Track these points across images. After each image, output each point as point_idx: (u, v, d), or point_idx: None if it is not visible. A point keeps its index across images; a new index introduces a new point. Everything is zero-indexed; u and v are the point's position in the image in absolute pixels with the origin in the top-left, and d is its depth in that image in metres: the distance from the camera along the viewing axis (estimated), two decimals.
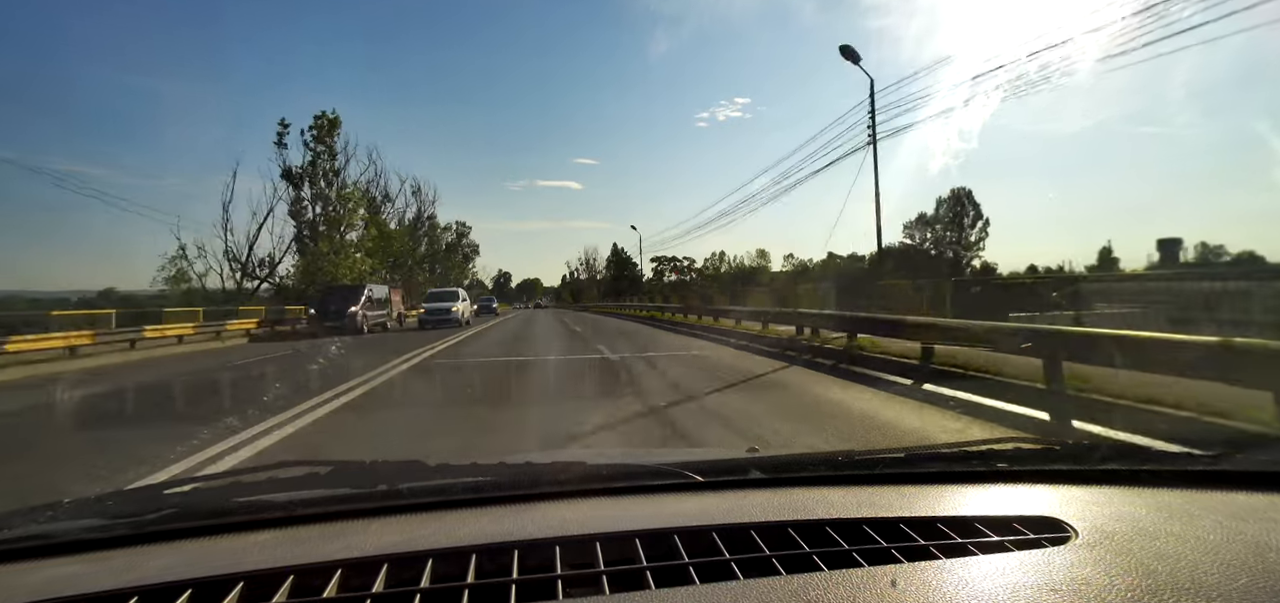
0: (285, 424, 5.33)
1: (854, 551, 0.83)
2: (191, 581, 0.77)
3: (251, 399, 6.65)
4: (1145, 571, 0.75)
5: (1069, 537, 0.87)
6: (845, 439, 4.77)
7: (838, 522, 0.92)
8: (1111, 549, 0.81)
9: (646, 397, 6.67)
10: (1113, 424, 4.52)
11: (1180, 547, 0.81)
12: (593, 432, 5.02)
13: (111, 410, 7.27)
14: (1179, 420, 4.27)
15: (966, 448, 1.27)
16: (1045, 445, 1.28)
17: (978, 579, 0.74)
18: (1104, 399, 4.95)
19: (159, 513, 1.00)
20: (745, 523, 0.91)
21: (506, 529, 0.91)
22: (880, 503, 1.01)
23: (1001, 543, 0.86)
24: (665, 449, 4.14)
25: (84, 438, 5.95)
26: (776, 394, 7.08)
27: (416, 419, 6.16)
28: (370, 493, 1.06)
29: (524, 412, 6.55)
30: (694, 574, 0.78)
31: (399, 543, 0.87)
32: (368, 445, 5.01)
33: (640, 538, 0.87)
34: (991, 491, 1.08)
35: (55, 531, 0.97)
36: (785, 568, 0.78)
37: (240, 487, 1.08)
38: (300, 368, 9.92)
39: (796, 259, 75.16)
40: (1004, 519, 0.93)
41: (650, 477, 1.15)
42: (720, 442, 4.92)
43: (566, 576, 0.78)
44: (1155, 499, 1.01)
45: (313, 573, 0.79)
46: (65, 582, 0.80)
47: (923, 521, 0.93)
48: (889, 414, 5.56)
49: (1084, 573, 0.75)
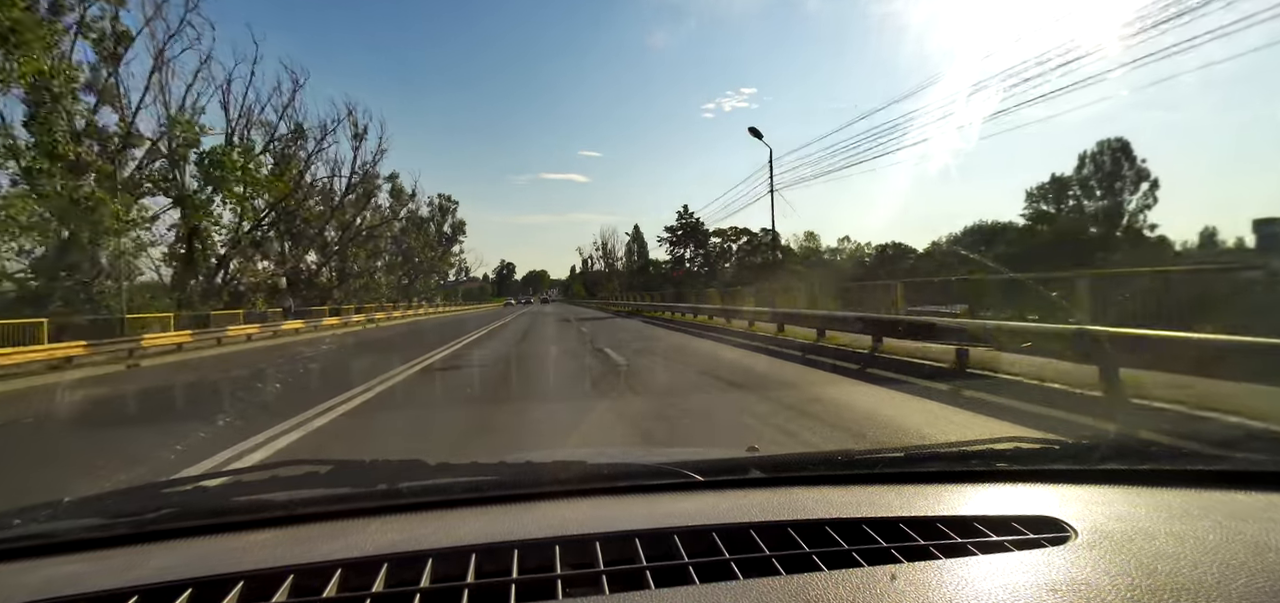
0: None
1: (854, 551, 0.83)
2: (191, 580, 0.77)
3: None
4: (1145, 571, 0.75)
5: (1069, 537, 0.87)
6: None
7: (837, 522, 0.92)
8: (1111, 549, 0.81)
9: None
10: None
11: (1180, 547, 0.81)
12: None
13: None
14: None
15: (966, 448, 1.26)
16: (1045, 445, 1.28)
17: (977, 579, 0.74)
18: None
19: (159, 513, 1.00)
20: (745, 523, 0.91)
21: (506, 529, 0.91)
22: (880, 503, 1.01)
23: (1001, 543, 0.86)
24: (665, 449, 4.14)
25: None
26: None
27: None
28: (370, 493, 1.06)
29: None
30: (694, 574, 0.78)
31: (399, 543, 0.87)
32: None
33: (640, 538, 0.87)
34: (991, 490, 1.08)
35: (55, 530, 0.97)
36: (785, 568, 0.78)
37: (240, 486, 1.08)
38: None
39: (853, 242, 62.34)
40: (1003, 519, 0.93)
41: (650, 477, 1.15)
42: None
43: (566, 575, 0.78)
44: (1155, 499, 1.01)
45: (313, 573, 0.79)
46: (65, 581, 0.80)
47: (922, 520, 0.93)
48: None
49: (1084, 573, 0.75)
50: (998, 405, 5.71)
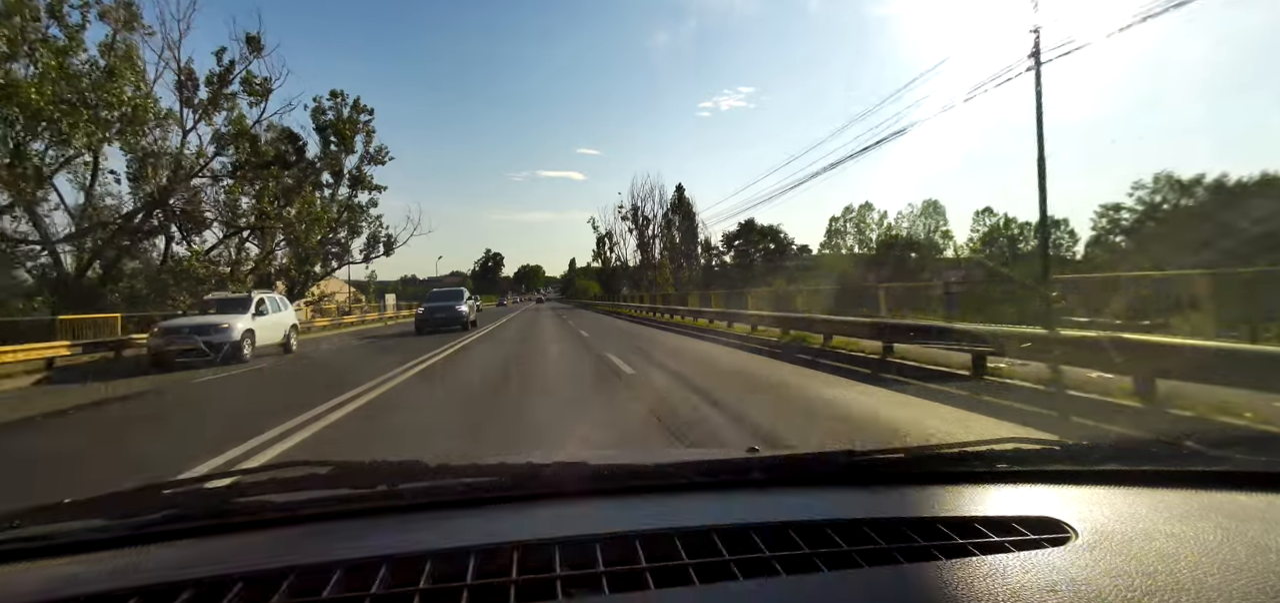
0: None
1: (854, 551, 0.83)
2: (191, 580, 0.77)
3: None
4: (1145, 571, 0.75)
5: (1069, 537, 0.87)
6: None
7: (837, 522, 0.92)
8: (1111, 549, 0.81)
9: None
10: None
11: (1180, 547, 0.81)
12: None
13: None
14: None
15: (966, 448, 1.26)
16: (1045, 446, 1.28)
17: (978, 580, 0.74)
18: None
19: (159, 513, 1.00)
20: (745, 524, 0.91)
21: (506, 530, 0.91)
22: (880, 503, 1.01)
23: (1001, 544, 0.86)
24: (665, 449, 4.14)
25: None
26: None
27: None
28: (370, 493, 1.06)
29: None
30: (694, 575, 0.78)
31: (399, 544, 0.87)
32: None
33: (640, 538, 0.86)
34: (991, 491, 1.08)
35: (55, 531, 0.96)
36: (785, 569, 0.78)
37: (240, 487, 1.07)
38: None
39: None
40: (1004, 520, 0.93)
41: (650, 477, 1.15)
42: None
43: (566, 576, 0.78)
44: (1155, 499, 1.01)
45: (313, 573, 0.79)
46: (65, 582, 0.80)
47: (923, 521, 0.93)
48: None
49: (1084, 573, 0.75)
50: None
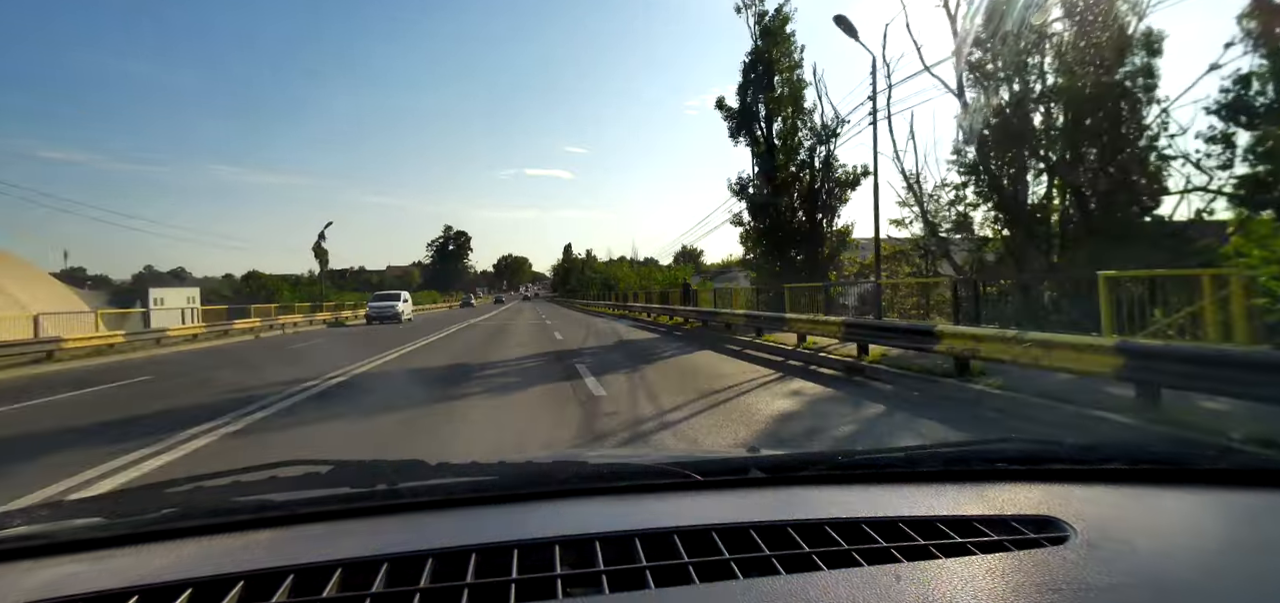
0: None
1: (854, 550, 0.83)
2: (191, 580, 0.77)
3: None
4: (1145, 571, 0.75)
5: (1068, 536, 0.87)
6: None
7: (837, 522, 0.92)
8: (1111, 549, 0.81)
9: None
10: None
11: (1180, 546, 0.81)
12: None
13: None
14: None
15: (966, 448, 1.27)
16: (1044, 445, 1.28)
17: (977, 579, 0.74)
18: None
19: (159, 513, 1.00)
20: (745, 523, 0.91)
21: (506, 529, 0.91)
22: (880, 503, 1.01)
23: (1001, 542, 0.86)
24: (665, 449, 4.14)
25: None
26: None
27: None
28: (370, 493, 1.06)
29: None
30: (694, 574, 0.78)
31: (399, 543, 0.87)
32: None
33: (640, 538, 0.86)
34: (991, 490, 1.08)
35: (55, 531, 0.96)
36: (785, 568, 0.78)
37: (240, 487, 1.07)
38: None
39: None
40: (1003, 519, 0.93)
41: (650, 477, 1.15)
42: None
43: (566, 575, 0.78)
44: (1155, 499, 1.01)
45: (313, 573, 0.79)
46: (65, 582, 0.80)
47: (922, 520, 0.93)
48: None
49: (1083, 573, 0.75)
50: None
